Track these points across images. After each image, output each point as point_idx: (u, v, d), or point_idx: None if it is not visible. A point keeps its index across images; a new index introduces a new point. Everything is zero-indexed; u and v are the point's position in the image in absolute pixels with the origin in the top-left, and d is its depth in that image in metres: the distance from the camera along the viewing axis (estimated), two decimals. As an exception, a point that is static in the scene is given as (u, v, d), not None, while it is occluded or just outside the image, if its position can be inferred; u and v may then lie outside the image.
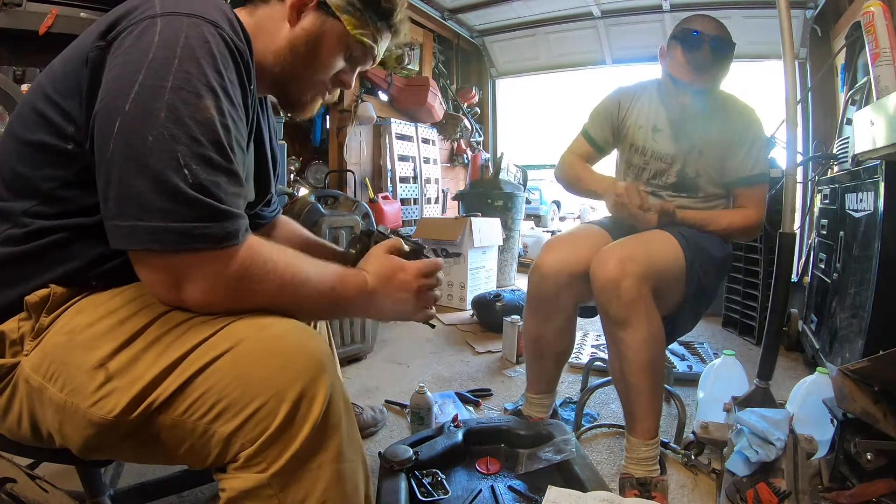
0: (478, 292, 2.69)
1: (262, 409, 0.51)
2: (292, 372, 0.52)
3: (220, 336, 0.54)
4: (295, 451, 0.51)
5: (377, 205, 3.13)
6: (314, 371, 0.54)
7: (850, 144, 1.70)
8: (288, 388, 0.52)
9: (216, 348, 0.53)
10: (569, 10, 3.86)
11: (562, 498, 0.91)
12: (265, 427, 0.51)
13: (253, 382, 0.52)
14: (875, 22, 1.62)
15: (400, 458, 1.00)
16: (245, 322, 0.56)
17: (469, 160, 4.57)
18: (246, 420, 0.51)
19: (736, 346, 2.12)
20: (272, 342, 0.54)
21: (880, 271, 1.22)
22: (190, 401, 0.52)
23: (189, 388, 0.52)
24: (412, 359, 2.04)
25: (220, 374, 0.52)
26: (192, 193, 0.51)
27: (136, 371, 0.53)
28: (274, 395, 0.51)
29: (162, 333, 0.55)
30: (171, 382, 0.52)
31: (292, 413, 0.51)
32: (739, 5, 3.29)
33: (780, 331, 1.38)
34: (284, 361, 0.53)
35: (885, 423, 0.87)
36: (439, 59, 4.38)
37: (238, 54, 0.58)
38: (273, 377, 0.52)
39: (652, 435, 1.10)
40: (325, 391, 0.54)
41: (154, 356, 0.53)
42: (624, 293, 1.05)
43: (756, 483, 1.00)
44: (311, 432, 0.52)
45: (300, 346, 0.55)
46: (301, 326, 0.58)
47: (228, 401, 0.51)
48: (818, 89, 2.95)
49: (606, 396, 1.64)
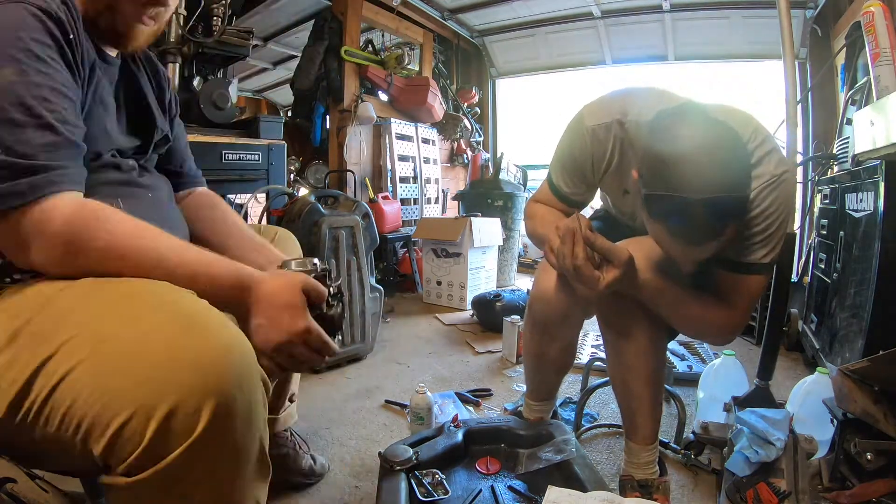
0: (478, 292, 2.69)
1: (128, 426, 0.45)
2: (159, 381, 0.46)
3: (86, 334, 0.49)
4: (163, 466, 0.46)
5: (377, 205, 3.13)
6: (191, 380, 0.46)
7: (850, 144, 1.70)
8: (156, 400, 0.45)
9: (79, 351, 0.48)
10: (569, 10, 3.85)
11: (562, 498, 0.91)
12: (135, 446, 0.45)
13: (113, 395, 0.45)
14: (875, 22, 1.62)
15: (400, 458, 1.00)
16: (117, 313, 0.50)
17: (469, 160, 4.57)
18: (113, 438, 0.45)
19: (736, 346, 2.11)
20: (139, 341, 0.47)
21: (880, 271, 1.22)
22: (60, 415, 0.47)
23: (56, 398, 0.47)
24: (412, 359, 2.04)
25: (81, 384, 0.46)
26: None
27: (14, 371, 0.49)
28: (138, 410, 0.45)
29: (41, 325, 0.51)
30: (42, 387, 0.48)
31: (162, 430, 0.45)
32: (739, 5, 3.29)
33: (780, 331, 1.38)
34: (148, 369, 0.46)
35: (885, 423, 0.87)
36: (439, 59, 4.38)
37: (44, 13, 0.58)
38: (135, 389, 0.45)
39: (652, 441, 1.09)
40: (212, 404, 0.46)
41: (29, 354, 0.49)
42: (626, 302, 0.98)
43: (756, 483, 1.00)
44: (184, 452, 0.46)
45: (173, 345, 0.47)
46: (186, 317, 0.50)
47: (92, 417, 0.46)
48: (818, 89, 2.94)
49: (606, 396, 1.64)
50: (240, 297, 0.61)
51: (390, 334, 2.37)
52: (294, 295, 0.61)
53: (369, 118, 3.32)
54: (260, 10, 3.56)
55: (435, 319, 2.67)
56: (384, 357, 2.06)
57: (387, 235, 3.12)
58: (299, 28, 3.97)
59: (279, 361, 0.62)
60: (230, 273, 0.61)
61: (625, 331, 1.03)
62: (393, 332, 2.42)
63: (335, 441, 1.38)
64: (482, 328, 2.47)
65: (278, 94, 6.07)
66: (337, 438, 1.39)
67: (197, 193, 0.96)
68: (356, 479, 1.20)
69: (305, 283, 0.63)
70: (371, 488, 1.13)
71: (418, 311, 2.87)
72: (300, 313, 0.61)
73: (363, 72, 3.45)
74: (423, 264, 3.06)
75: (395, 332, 2.42)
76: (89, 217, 0.56)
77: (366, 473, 1.22)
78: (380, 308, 2.12)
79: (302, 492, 1.14)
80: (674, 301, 0.96)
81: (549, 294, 1.07)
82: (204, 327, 0.50)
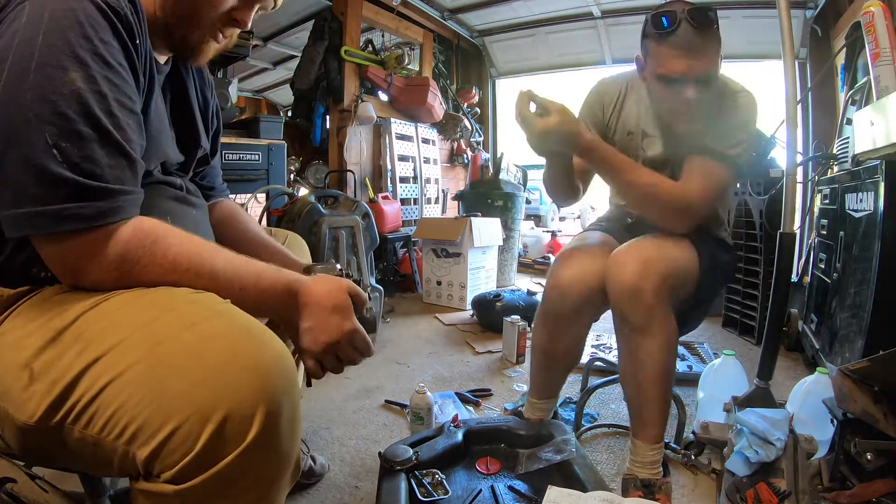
0: (478, 292, 2.69)
1: (181, 430, 0.45)
2: (216, 385, 0.46)
3: (139, 336, 0.48)
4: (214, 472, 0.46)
5: (377, 205, 3.13)
6: (248, 385, 0.46)
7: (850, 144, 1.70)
8: (212, 405, 0.45)
9: (132, 352, 0.47)
10: (569, 10, 3.85)
11: (562, 498, 0.91)
12: (186, 451, 0.45)
13: (167, 398, 0.45)
14: (875, 22, 1.62)
15: (400, 458, 1.00)
16: (171, 318, 0.50)
17: (469, 160, 4.57)
18: (163, 443, 0.45)
19: (736, 346, 2.11)
20: (196, 345, 0.48)
21: (880, 271, 1.22)
22: (105, 417, 0.47)
23: (103, 399, 0.47)
24: (412, 359, 2.04)
25: (133, 386, 0.46)
26: (63, 174, 0.49)
27: (56, 370, 0.49)
28: (193, 414, 0.45)
29: (88, 326, 0.50)
30: (87, 388, 0.47)
31: (217, 434, 0.45)
32: (739, 5, 3.29)
33: (780, 331, 1.38)
34: (207, 372, 0.46)
35: (885, 423, 0.87)
36: (439, 59, 4.38)
37: (112, 12, 0.55)
38: (192, 391, 0.45)
39: (658, 440, 1.10)
40: (264, 410, 0.47)
41: (75, 354, 0.49)
42: (645, 298, 1.00)
43: (756, 483, 1.00)
44: (237, 458, 0.46)
45: (232, 351, 0.48)
46: (241, 325, 0.51)
47: (142, 420, 0.45)
48: (818, 89, 2.94)
49: (606, 396, 1.64)
50: (289, 301, 0.63)
51: (390, 334, 2.37)
52: (342, 298, 0.64)
53: (369, 118, 3.32)
54: (260, 10, 3.56)
55: (435, 319, 2.67)
56: (384, 357, 2.06)
57: (387, 235, 3.12)
58: (299, 28, 3.97)
59: (325, 361, 0.65)
60: (280, 280, 0.63)
61: (642, 327, 1.03)
62: (393, 332, 2.42)
63: (335, 441, 1.38)
64: (482, 328, 2.47)
65: (278, 94, 6.08)
66: (337, 438, 1.39)
67: (221, 205, 0.97)
68: (356, 479, 1.20)
69: (351, 288, 0.65)
70: (371, 488, 1.13)
71: (418, 311, 2.87)
72: (348, 315, 0.64)
73: (363, 72, 3.45)
74: (423, 264, 3.06)
75: (395, 332, 2.42)
76: (146, 241, 0.55)
77: (366, 473, 1.22)
78: (380, 308, 2.13)
79: (302, 492, 1.14)
80: (622, 166, 1.05)
81: (564, 285, 1.14)
82: (259, 335, 0.51)
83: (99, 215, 0.51)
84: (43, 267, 0.56)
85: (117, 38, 0.55)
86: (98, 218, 0.51)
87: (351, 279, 0.73)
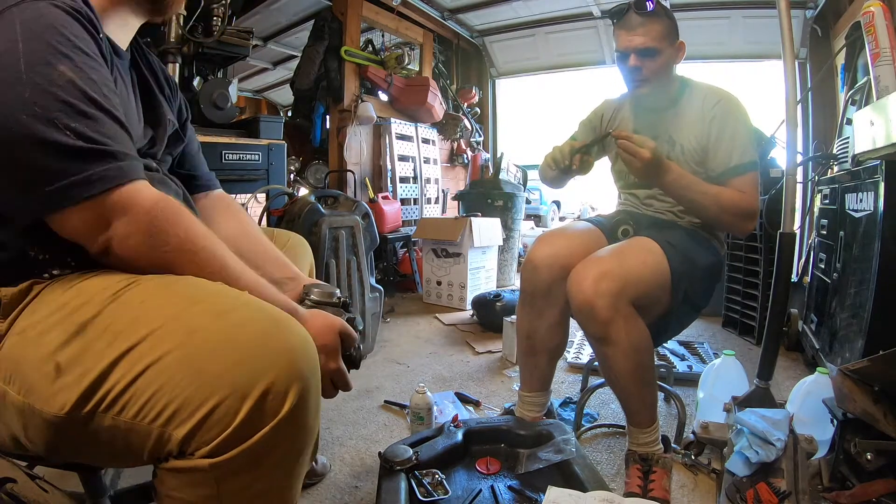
0: (478, 292, 2.69)
1: (220, 407, 0.48)
2: (254, 365, 0.49)
3: (173, 326, 0.51)
4: (249, 445, 0.49)
5: (377, 205, 3.13)
6: (281, 365, 0.50)
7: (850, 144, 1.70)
8: (251, 383, 0.49)
9: (167, 341, 0.50)
10: (569, 10, 3.86)
11: (562, 498, 0.91)
12: (224, 427, 0.48)
13: (208, 378, 0.48)
14: (875, 22, 1.62)
15: (400, 458, 1.00)
16: (202, 308, 0.53)
17: (469, 160, 4.57)
18: (202, 421, 0.48)
19: (736, 346, 2.11)
20: (231, 331, 0.51)
21: (880, 271, 1.22)
22: (140, 402, 0.49)
23: (139, 386, 0.49)
24: (412, 359, 2.05)
25: (172, 370, 0.49)
26: (81, 145, 0.53)
27: (86, 362, 0.50)
28: (233, 392, 0.48)
29: (114, 319, 0.52)
30: (121, 376, 0.49)
31: (255, 409, 0.49)
32: (739, 5, 3.29)
33: (780, 331, 1.38)
34: (244, 354, 0.50)
35: (885, 423, 0.87)
36: (439, 59, 4.38)
37: (75, 11, 0.59)
38: (230, 371, 0.49)
39: (649, 424, 1.15)
40: (297, 388, 0.51)
41: (104, 345, 0.51)
42: (599, 313, 1.03)
43: (756, 483, 1.00)
44: (271, 430, 0.49)
45: (264, 335, 0.52)
46: (268, 313, 0.55)
47: (182, 400, 0.48)
48: (818, 89, 2.95)
49: (606, 396, 1.64)
50: None
51: (390, 334, 2.37)
52: (332, 339, 0.66)
53: (369, 118, 3.32)
54: (260, 10, 3.57)
55: (435, 319, 2.67)
56: (384, 357, 2.06)
57: (387, 235, 3.12)
58: (299, 28, 3.97)
59: None
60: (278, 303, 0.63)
61: (601, 338, 1.08)
62: (393, 332, 2.42)
63: (335, 441, 1.38)
64: (482, 328, 2.47)
65: (278, 94, 6.07)
66: (337, 438, 1.39)
67: (213, 196, 0.97)
68: (356, 479, 1.20)
69: (343, 329, 0.68)
70: (371, 488, 1.13)
71: (418, 311, 2.88)
72: (334, 356, 0.66)
73: (363, 72, 3.45)
74: (423, 264, 3.06)
75: (394, 332, 2.42)
76: (172, 208, 0.58)
77: (366, 473, 1.22)
78: (380, 308, 2.12)
79: (302, 492, 1.14)
80: (691, 183, 1.17)
81: (536, 261, 1.23)
82: (286, 321, 0.55)
83: (122, 174, 0.56)
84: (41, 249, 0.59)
85: (87, 31, 0.60)
86: (122, 175, 0.56)
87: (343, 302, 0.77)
